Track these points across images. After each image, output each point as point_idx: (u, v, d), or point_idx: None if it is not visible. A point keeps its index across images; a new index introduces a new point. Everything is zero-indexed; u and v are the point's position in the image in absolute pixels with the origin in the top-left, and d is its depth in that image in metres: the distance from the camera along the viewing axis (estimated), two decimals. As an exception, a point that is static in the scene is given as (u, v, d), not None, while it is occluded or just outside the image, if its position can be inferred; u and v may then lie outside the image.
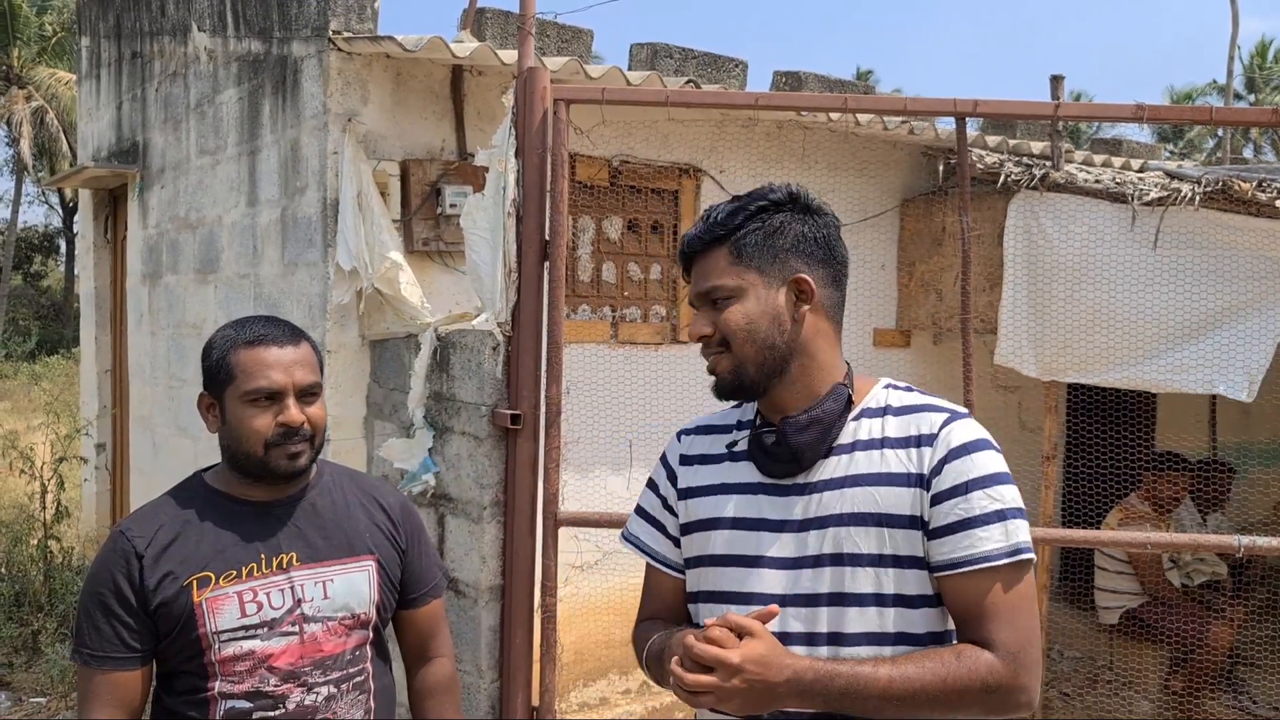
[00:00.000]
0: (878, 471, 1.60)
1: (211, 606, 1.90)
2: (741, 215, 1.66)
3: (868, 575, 1.58)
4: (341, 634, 2.00)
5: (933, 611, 1.59)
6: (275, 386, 1.95)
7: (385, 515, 2.14)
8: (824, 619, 1.59)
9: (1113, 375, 4.66)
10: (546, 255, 3.47)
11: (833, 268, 1.69)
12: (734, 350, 1.66)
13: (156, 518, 1.96)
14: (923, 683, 1.48)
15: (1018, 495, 1.57)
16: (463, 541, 3.62)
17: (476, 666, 3.56)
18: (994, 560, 1.53)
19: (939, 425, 1.60)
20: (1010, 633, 1.51)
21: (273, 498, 2.02)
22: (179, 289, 5.60)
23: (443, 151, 4.32)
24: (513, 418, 3.44)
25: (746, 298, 1.65)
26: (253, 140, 4.71)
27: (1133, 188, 4.68)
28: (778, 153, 5.21)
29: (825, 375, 1.67)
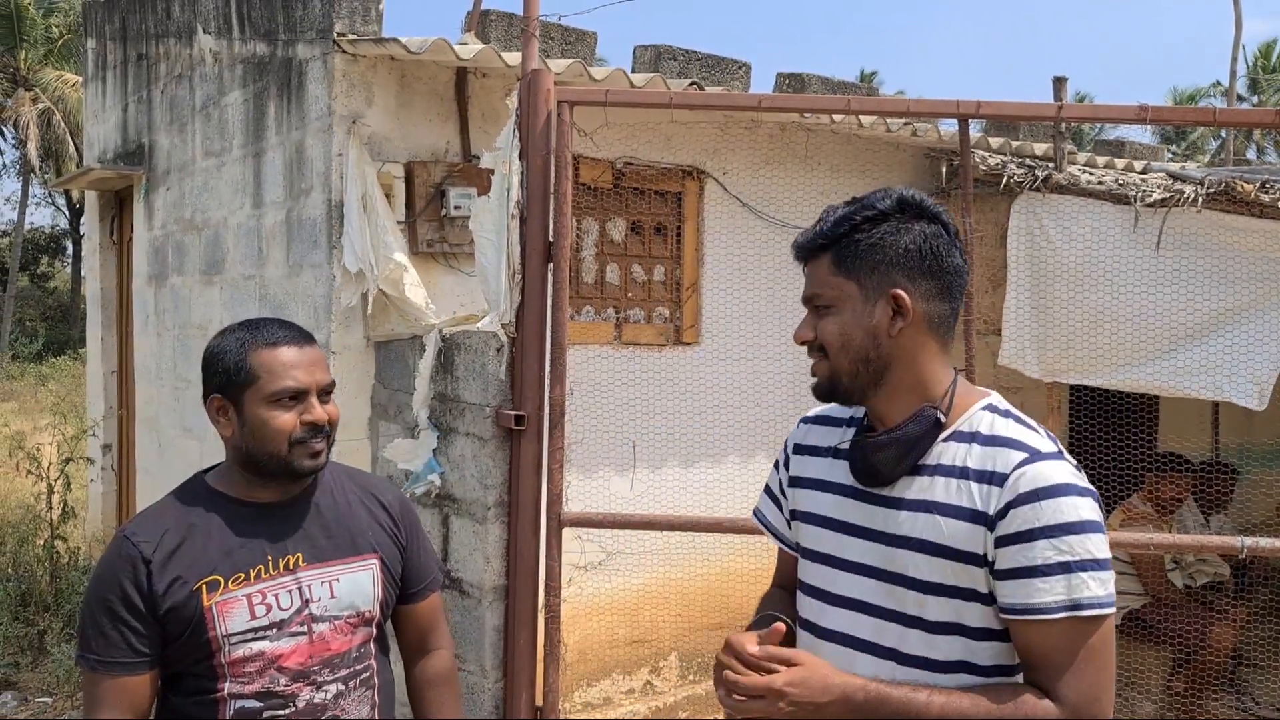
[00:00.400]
0: (949, 502, 1.60)
1: (221, 610, 1.91)
2: (847, 224, 1.66)
3: (926, 601, 1.61)
4: (348, 632, 2.03)
5: (1003, 645, 1.59)
6: (301, 386, 1.98)
7: (385, 513, 2.17)
8: (888, 634, 1.64)
9: (1117, 378, 4.67)
10: (550, 257, 3.48)
11: (941, 279, 1.66)
12: (830, 359, 1.68)
13: (161, 521, 1.96)
14: (975, 717, 1.51)
15: (1096, 545, 1.52)
16: (467, 542, 3.64)
17: (480, 666, 3.58)
18: (1049, 614, 1.51)
19: (1014, 465, 1.56)
20: (1072, 686, 1.51)
21: (278, 499, 2.03)
22: (185, 290, 5.63)
23: (447, 153, 4.34)
24: (517, 419, 3.46)
25: (844, 309, 1.66)
26: (258, 142, 4.73)
27: (1135, 189, 4.69)
28: (781, 155, 5.23)
29: (924, 390, 1.66)
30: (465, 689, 3.66)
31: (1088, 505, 1.53)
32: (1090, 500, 1.55)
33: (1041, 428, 1.66)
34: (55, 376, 19.92)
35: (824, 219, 1.69)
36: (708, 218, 5.03)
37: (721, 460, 4.94)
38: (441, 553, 3.77)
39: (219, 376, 1.99)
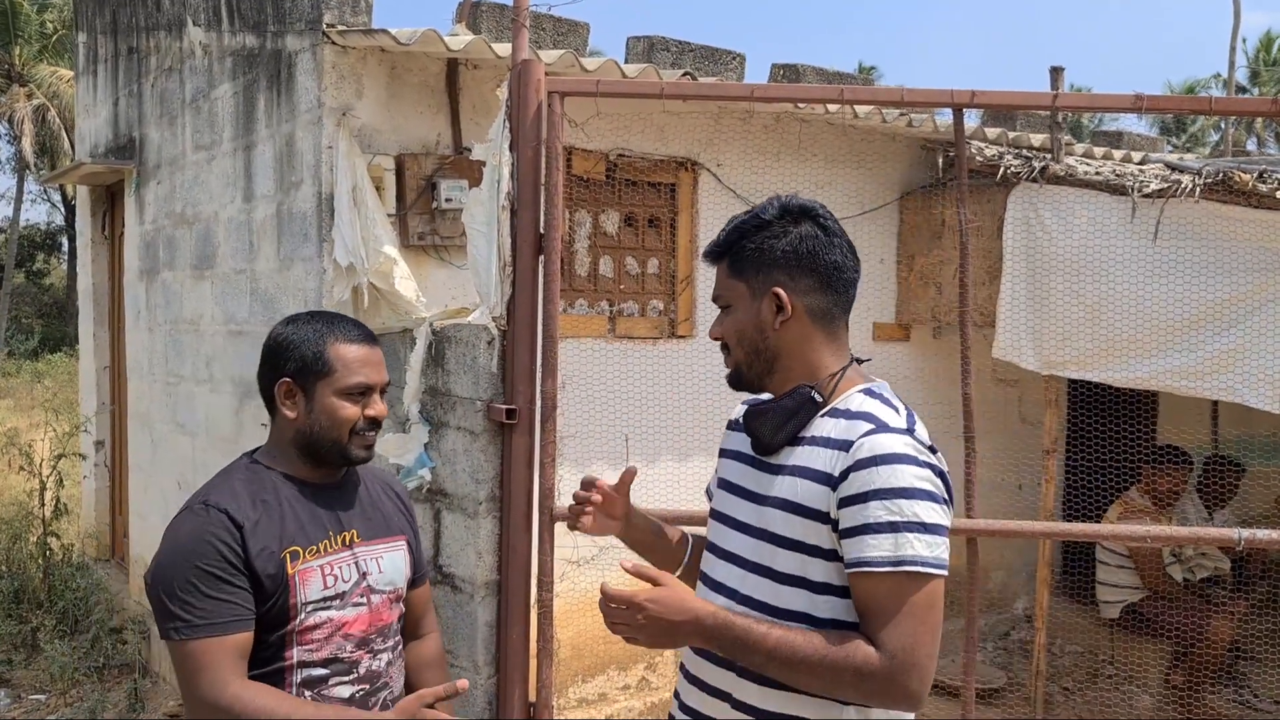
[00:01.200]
0: (809, 467, 1.79)
1: (302, 578, 2.03)
2: (738, 233, 1.89)
3: (781, 554, 1.79)
4: (391, 605, 2.20)
5: (840, 600, 1.75)
6: (370, 383, 2.13)
7: (399, 501, 2.36)
8: (749, 584, 1.83)
9: (1121, 374, 4.63)
10: (542, 249, 3.44)
11: (819, 275, 1.86)
12: (733, 352, 1.92)
13: (235, 493, 2.04)
14: (803, 654, 1.68)
15: (928, 511, 1.68)
16: (459, 537, 3.60)
17: (473, 663, 3.55)
18: (875, 566, 1.67)
19: (859, 434, 1.74)
20: (892, 635, 1.66)
21: (329, 480, 2.17)
22: (176, 285, 5.59)
23: (438, 146, 4.30)
24: (508, 412, 3.42)
25: (738, 308, 1.90)
26: (248, 135, 4.69)
27: (1133, 180, 4.65)
28: (775, 146, 5.19)
29: (812, 375, 1.86)
30: (457, 685, 3.63)
31: (921, 474, 1.70)
32: (927, 472, 1.71)
33: (905, 410, 1.83)
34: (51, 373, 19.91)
35: (724, 230, 1.92)
36: (702, 209, 5.00)
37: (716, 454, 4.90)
38: (433, 548, 3.74)
39: (293, 363, 2.10)
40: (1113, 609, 5.68)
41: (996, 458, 5.84)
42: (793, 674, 1.71)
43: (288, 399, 2.11)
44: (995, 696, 5.53)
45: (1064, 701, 5.56)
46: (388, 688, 2.16)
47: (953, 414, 5.84)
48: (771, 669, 1.73)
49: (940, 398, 5.86)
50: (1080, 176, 4.82)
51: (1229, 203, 4.34)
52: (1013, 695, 5.60)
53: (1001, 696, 5.57)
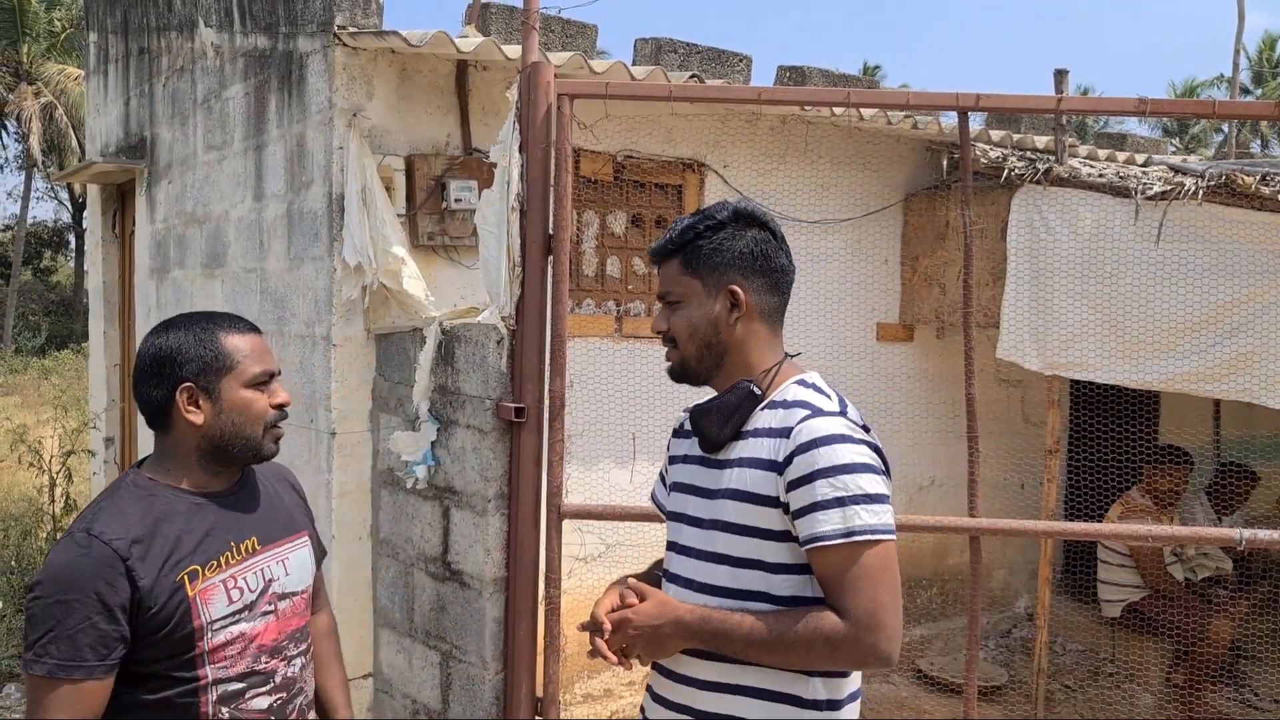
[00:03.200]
0: (754, 456, 1.89)
1: (204, 598, 1.95)
2: (692, 232, 1.98)
3: (736, 541, 1.90)
4: (302, 608, 2.16)
5: (798, 578, 1.86)
6: (271, 369, 2.08)
7: (295, 493, 2.30)
8: (704, 572, 1.94)
9: (1130, 376, 4.66)
10: (550, 249, 3.48)
11: (770, 277, 1.98)
12: (680, 347, 2.01)
13: (124, 517, 1.92)
14: (778, 633, 1.80)
15: (870, 483, 1.80)
16: (467, 534, 3.65)
17: (481, 658, 3.59)
18: (828, 540, 1.79)
19: (796, 420, 1.86)
20: (853, 601, 1.78)
21: (225, 487, 2.08)
22: (186, 284, 5.64)
23: (448, 146, 4.34)
24: (516, 411, 3.46)
25: (691, 304, 1.98)
26: (259, 135, 4.74)
27: (1136, 182, 4.69)
28: (781, 147, 5.23)
29: (752, 371, 1.97)
30: (466, 680, 3.68)
31: (858, 451, 1.82)
32: (863, 448, 1.83)
33: (836, 396, 1.95)
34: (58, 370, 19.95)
35: (674, 228, 2.01)
36: (708, 211, 5.03)
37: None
38: (442, 545, 3.79)
39: (190, 365, 1.99)
40: (1114, 608, 5.71)
41: (999, 457, 5.88)
42: (770, 654, 1.83)
43: (191, 405, 1.99)
44: (997, 694, 5.57)
45: (1065, 700, 5.59)
46: (303, 693, 2.14)
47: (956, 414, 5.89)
48: (751, 653, 1.84)
49: (943, 398, 5.91)
50: (1084, 178, 4.85)
51: (1232, 205, 4.37)
52: (1014, 693, 5.63)
53: (1003, 694, 5.60)
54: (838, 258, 5.49)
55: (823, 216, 5.39)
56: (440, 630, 3.80)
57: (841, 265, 5.51)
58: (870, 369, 5.57)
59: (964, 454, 3.29)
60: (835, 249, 5.48)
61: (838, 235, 5.48)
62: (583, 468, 4.26)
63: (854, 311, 5.59)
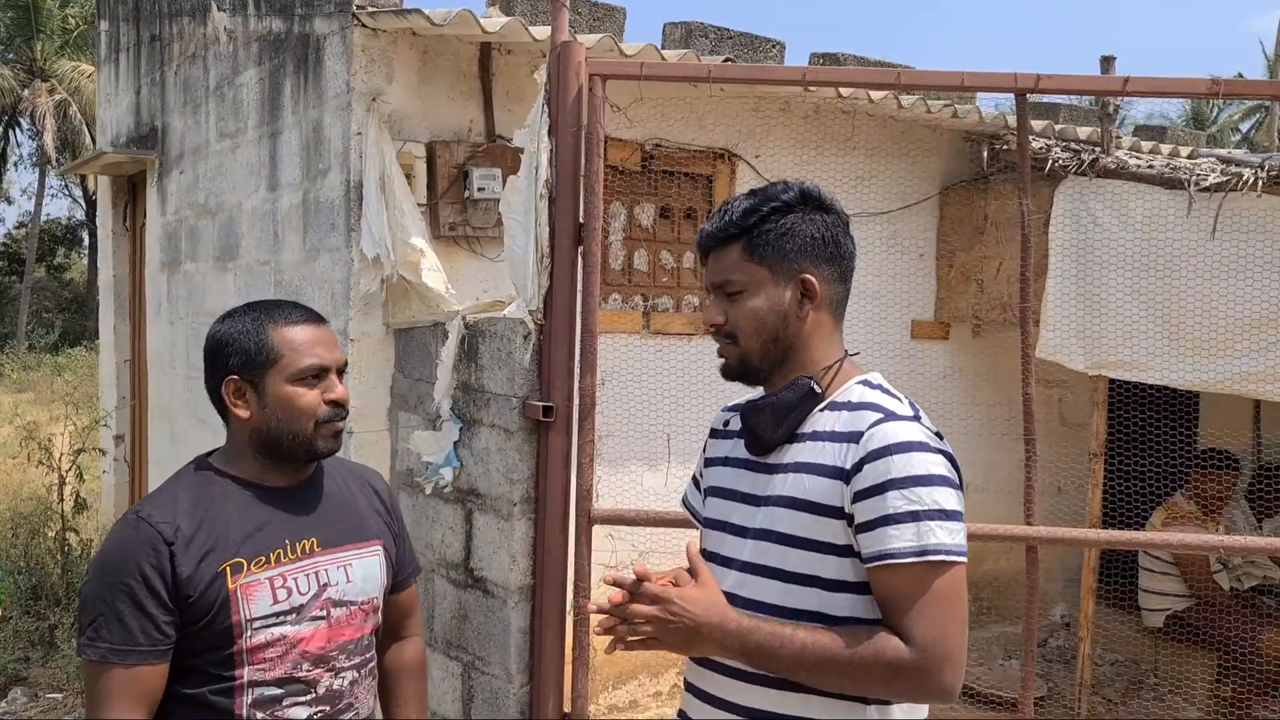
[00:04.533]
0: (814, 461, 1.72)
1: (245, 593, 1.87)
2: (755, 215, 1.78)
3: (789, 554, 1.72)
4: (360, 619, 2.02)
5: (856, 598, 1.69)
6: (323, 363, 1.96)
7: (379, 500, 2.18)
8: (751, 587, 1.75)
9: (1187, 376, 4.44)
10: (581, 239, 3.30)
11: (839, 264, 1.82)
12: (740, 341, 1.80)
13: (175, 503, 1.89)
14: (834, 654, 1.61)
15: (946, 498, 1.63)
16: (491, 539, 3.47)
17: (505, 670, 3.41)
18: (900, 558, 1.61)
19: (868, 424, 1.68)
20: (921, 626, 1.60)
21: (290, 483, 2.00)
22: (198, 277, 5.47)
23: (470, 133, 4.16)
24: (545, 409, 3.28)
25: (756, 294, 1.79)
26: (273, 122, 4.56)
27: (1188, 173, 4.48)
28: (816, 137, 5.03)
29: (814, 367, 1.80)
30: (489, 693, 3.49)
31: (936, 461, 1.64)
32: (940, 458, 1.65)
33: (906, 399, 1.77)
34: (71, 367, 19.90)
35: (728, 211, 1.81)
36: (739, 202, 4.84)
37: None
38: (464, 550, 3.60)
39: (236, 357, 1.94)
40: (1156, 617, 5.51)
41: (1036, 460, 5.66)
42: (821, 675, 1.65)
43: (237, 398, 1.95)
44: (1035, 706, 5.35)
45: (1105, 713, 5.38)
46: (352, 709, 2.00)
47: (993, 416, 5.69)
48: (799, 673, 1.66)
49: (980, 399, 5.70)
50: (1132, 170, 4.64)
51: (1294, 197, 4.16)
52: (1054, 705, 5.42)
53: (1042, 706, 5.39)
54: (872, 252, 5.29)
55: (857, 209, 5.19)
56: (462, 640, 3.62)
57: (876, 260, 5.30)
58: (905, 368, 5.36)
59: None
60: (869, 243, 5.27)
61: (872, 229, 5.28)
62: (613, 470, 4.06)
63: (889, 308, 5.39)
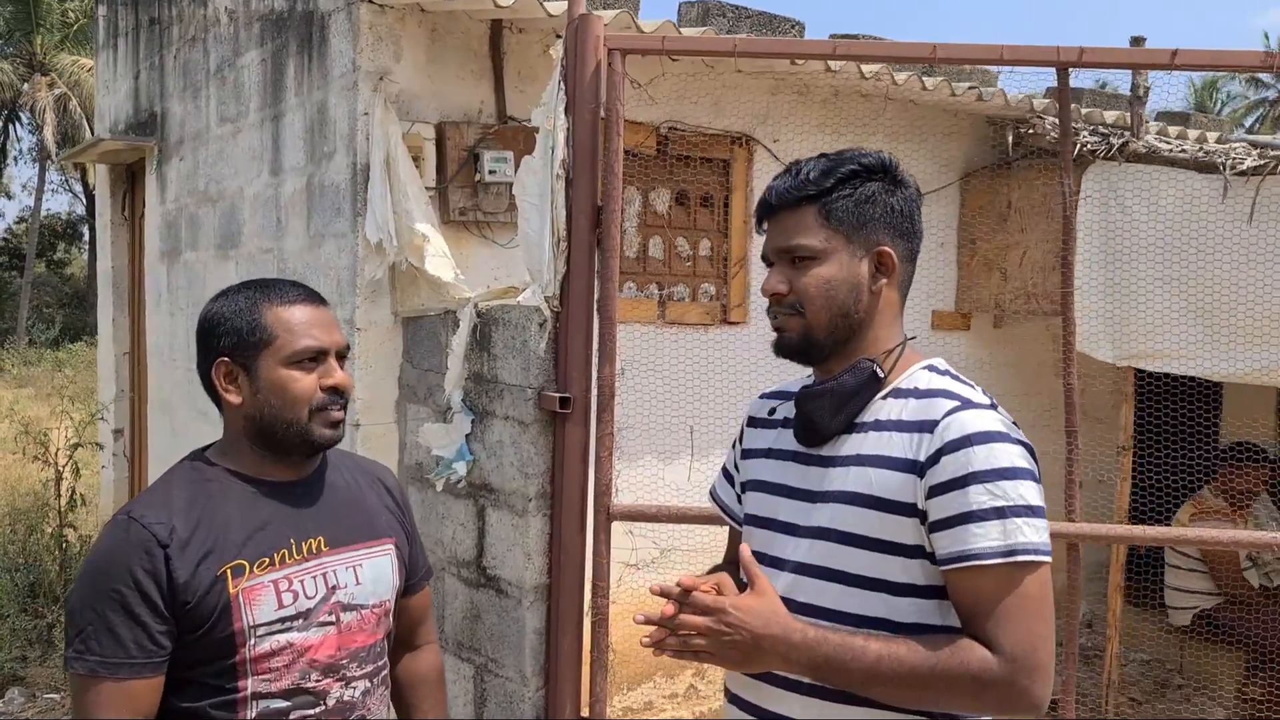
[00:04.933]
0: (881, 454, 1.58)
1: (248, 598, 1.72)
2: (834, 177, 1.64)
3: (852, 555, 1.58)
4: (372, 624, 1.87)
5: (925, 602, 1.55)
6: (321, 345, 1.81)
7: (390, 496, 2.04)
8: (806, 590, 1.60)
9: (1225, 367, 4.29)
10: (599, 222, 3.16)
11: (913, 243, 1.70)
12: (806, 313, 1.65)
13: (169, 501, 1.74)
14: (913, 665, 1.47)
15: (1030, 492, 1.50)
16: (505, 536, 3.32)
17: (520, 673, 3.26)
18: (985, 559, 1.47)
19: (944, 412, 1.55)
20: (1009, 634, 1.47)
21: (293, 477, 1.86)
22: (199, 266, 5.32)
23: (481, 114, 4.00)
24: (561, 400, 3.13)
25: (829, 262, 1.64)
26: (276, 105, 4.41)
27: (1223, 157, 4.33)
28: (834, 122, 4.88)
29: (877, 348, 1.66)
30: (503, 697, 3.35)
31: (1018, 453, 1.51)
32: (1022, 449, 1.52)
33: (979, 387, 1.64)
34: (71, 362, 19.78)
35: (802, 170, 1.66)
36: (756, 188, 4.69)
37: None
38: (476, 548, 3.46)
39: (227, 338, 1.80)
40: (1183, 615, 5.36)
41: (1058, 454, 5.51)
42: (898, 690, 1.50)
43: (228, 381, 1.80)
44: (1057, 706, 5.21)
45: (1131, 713, 5.24)
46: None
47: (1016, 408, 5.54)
48: (874, 688, 1.51)
49: (1002, 390, 5.53)
50: (1164, 154, 4.49)
51: (1337, 180, 4.01)
52: (1079, 704, 5.27)
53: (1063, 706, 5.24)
54: (892, 240, 5.13)
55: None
56: (474, 641, 3.47)
57: (896, 248, 5.15)
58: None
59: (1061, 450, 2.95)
60: (889, 231, 5.13)
61: (892, 216, 5.13)
62: (632, 464, 3.92)
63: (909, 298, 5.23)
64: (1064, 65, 2.94)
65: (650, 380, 3.85)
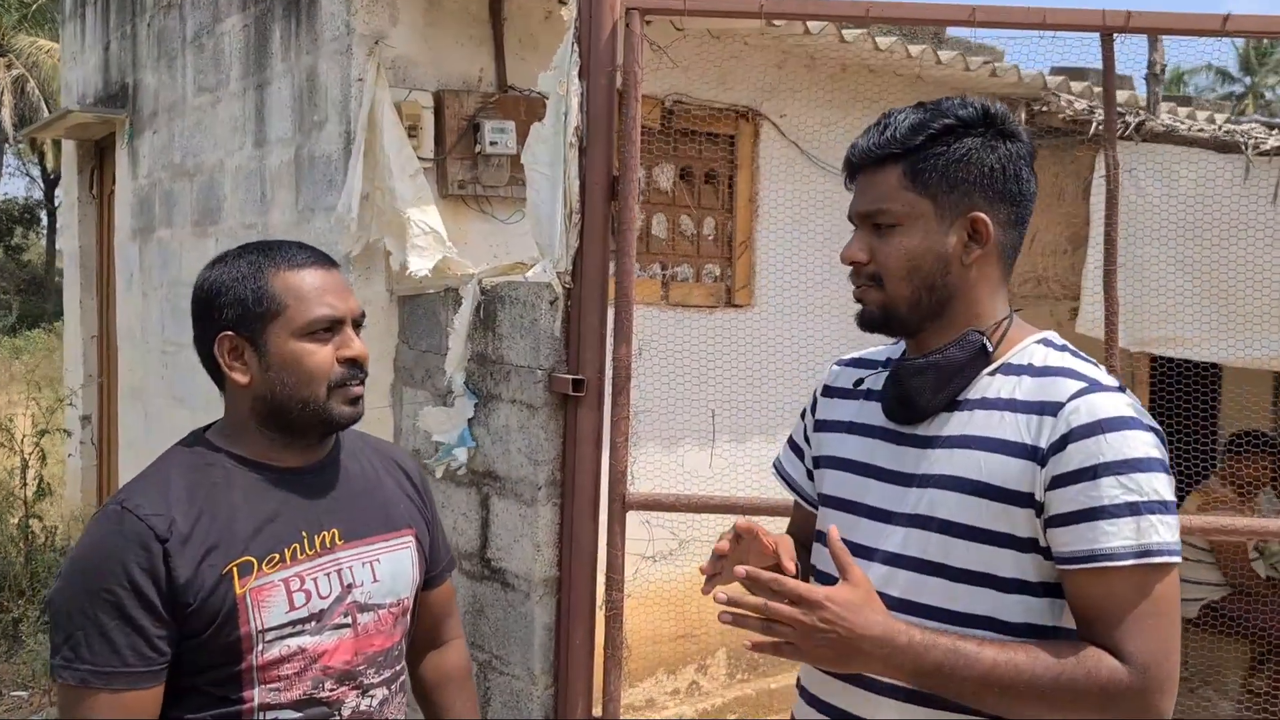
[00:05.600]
0: (992, 436, 1.42)
1: (256, 599, 1.54)
2: (925, 134, 1.46)
3: (957, 546, 1.42)
4: (390, 624, 1.70)
5: (1036, 601, 1.41)
6: (337, 314, 1.62)
7: (409, 482, 1.85)
8: (902, 584, 1.45)
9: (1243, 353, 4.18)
10: (615, 193, 2.97)
11: (1019, 206, 1.50)
12: (887, 285, 1.49)
13: (167, 490, 1.55)
14: (1033, 674, 1.32)
15: (1164, 486, 1.34)
16: (512, 526, 3.13)
17: (528, 670, 3.08)
18: (1118, 560, 1.32)
19: (1070, 395, 1.39)
20: (1140, 643, 1.32)
21: (304, 462, 1.66)
22: (174, 244, 5.08)
23: (480, 83, 3.80)
24: (574, 383, 2.95)
25: (914, 229, 1.48)
26: (260, 72, 4.18)
27: (1245, 136, 4.21)
28: (842, 98, 4.71)
29: (978, 323, 1.49)
30: (510, 695, 3.17)
31: (1153, 441, 1.36)
32: (1155, 438, 1.37)
33: (1103, 366, 1.48)
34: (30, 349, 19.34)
35: (889, 125, 1.50)
36: (763, 165, 4.52)
37: (775, 436, 4.44)
38: (480, 539, 3.27)
39: (230, 309, 1.60)
40: (1190, 607, 5.27)
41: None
42: (1014, 702, 1.34)
43: (234, 358, 1.61)
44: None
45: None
46: None
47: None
48: (987, 698, 1.35)
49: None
50: (1181, 133, 4.37)
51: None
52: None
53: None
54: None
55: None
56: (477, 637, 3.29)
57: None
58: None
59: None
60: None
61: (898, 197, 4.98)
62: (651, 450, 3.74)
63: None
64: (1109, 30, 2.79)
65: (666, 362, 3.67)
